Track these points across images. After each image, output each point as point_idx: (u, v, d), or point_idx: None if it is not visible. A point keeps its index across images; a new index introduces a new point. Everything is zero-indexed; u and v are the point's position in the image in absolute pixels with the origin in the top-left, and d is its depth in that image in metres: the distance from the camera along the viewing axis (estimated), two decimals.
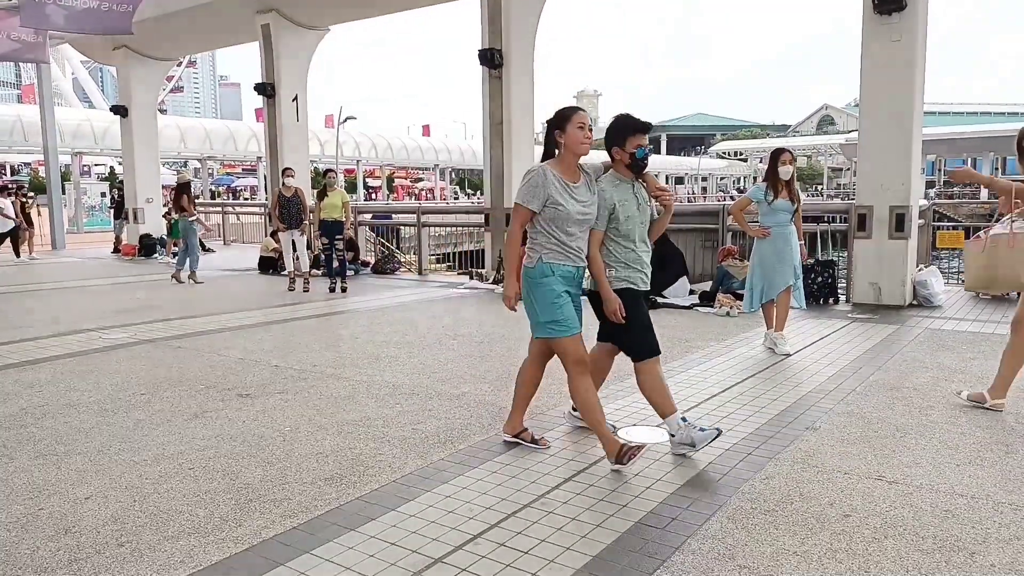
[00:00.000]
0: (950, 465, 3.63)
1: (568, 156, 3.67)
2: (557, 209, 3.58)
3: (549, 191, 3.58)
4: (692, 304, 8.76)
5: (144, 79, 18.04)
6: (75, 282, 12.35)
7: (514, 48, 11.31)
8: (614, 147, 3.73)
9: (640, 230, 3.80)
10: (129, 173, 18.18)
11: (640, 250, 3.81)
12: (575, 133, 3.61)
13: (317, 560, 2.74)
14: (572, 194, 3.62)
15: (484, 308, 9.14)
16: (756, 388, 5.10)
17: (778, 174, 6.15)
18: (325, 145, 41.72)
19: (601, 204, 3.69)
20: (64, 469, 3.71)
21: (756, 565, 2.67)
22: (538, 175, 3.61)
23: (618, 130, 3.73)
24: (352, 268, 12.81)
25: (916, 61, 8.39)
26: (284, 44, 14.49)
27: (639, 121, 3.72)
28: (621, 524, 3.00)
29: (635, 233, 3.77)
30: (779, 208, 6.17)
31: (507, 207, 11.41)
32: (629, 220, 3.73)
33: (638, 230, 3.78)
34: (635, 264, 3.79)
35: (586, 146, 3.65)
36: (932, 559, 2.70)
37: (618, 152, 3.74)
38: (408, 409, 4.68)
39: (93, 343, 6.92)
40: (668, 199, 3.86)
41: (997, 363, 5.50)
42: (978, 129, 62.93)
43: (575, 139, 3.62)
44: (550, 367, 4.09)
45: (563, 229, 3.61)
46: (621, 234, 3.74)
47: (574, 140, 3.62)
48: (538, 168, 3.65)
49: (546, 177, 3.60)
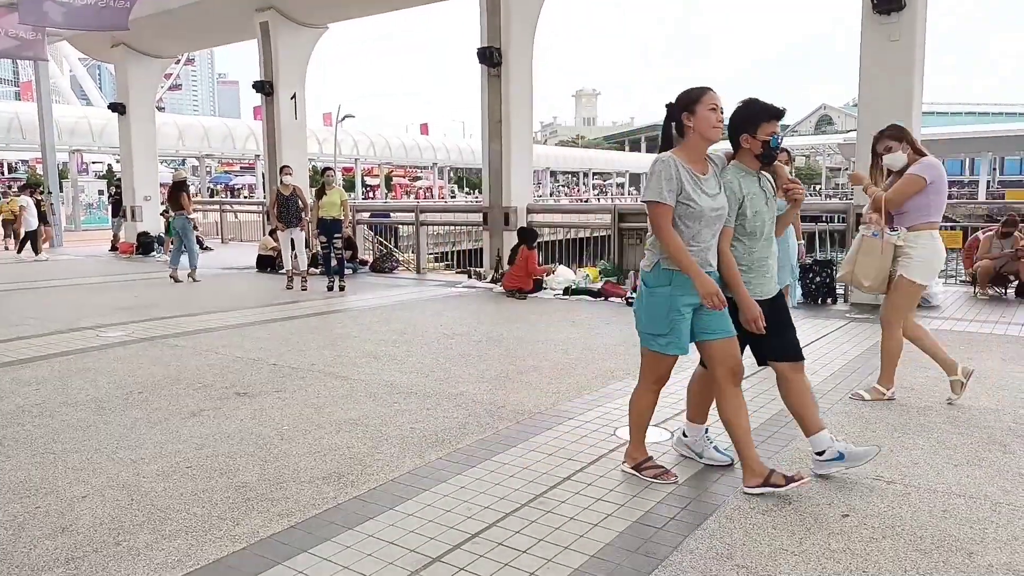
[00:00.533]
0: (948, 465, 3.63)
1: (697, 143, 3.23)
2: (689, 206, 3.16)
3: (683, 184, 3.15)
4: None
5: (142, 77, 18.01)
6: (73, 280, 12.33)
7: (513, 47, 11.30)
8: (743, 134, 3.31)
9: (768, 227, 3.41)
10: (127, 171, 18.15)
11: (766, 250, 3.42)
12: (707, 116, 3.17)
13: (315, 559, 2.74)
14: (703, 188, 3.19)
15: (482, 307, 9.13)
16: (754, 388, 5.09)
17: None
18: (323, 143, 41.65)
19: (730, 198, 3.28)
20: (61, 467, 3.70)
21: (754, 564, 2.67)
22: (669, 165, 3.16)
23: (750, 115, 3.31)
24: (350, 267, 12.80)
25: (915, 61, 8.40)
26: (282, 42, 14.46)
27: (773, 106, 3.32)
28: (619, 523, 3.00)
29: (762, 231, 3.38)
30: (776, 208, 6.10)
31: (505, 206, 11.42)
32: (757, 216, 3.34)
33: (766, 227, 3.40)
34: (760, 267, 3.40)
35: (719, 131, 3.22)
36: (930, 559, 2.70)
37: (748, 140, 3.32)
38: (406, 408, 4.67)
39: (90, 341, 6.90)
40: (800, 193, 3.47)
41: (995, 363, 5.52)
42: (976, 129, 62.99)
43: (707, 123, 3.18)
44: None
45: (692, 229, 3.18)
46: (747, 232, 3.35)
47: (706, 124, 3.18)
48: (667, 158, 3.19)
49: (677, 168, 3.16)
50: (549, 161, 56.10)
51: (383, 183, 53.42)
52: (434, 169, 53.00)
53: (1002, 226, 9.38)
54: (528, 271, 9.93)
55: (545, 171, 56.75)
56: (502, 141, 11.46)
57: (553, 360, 5.99)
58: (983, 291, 9.31)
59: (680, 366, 3.57)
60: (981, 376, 5.31)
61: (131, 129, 17.77)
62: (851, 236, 8.90)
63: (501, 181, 11.54)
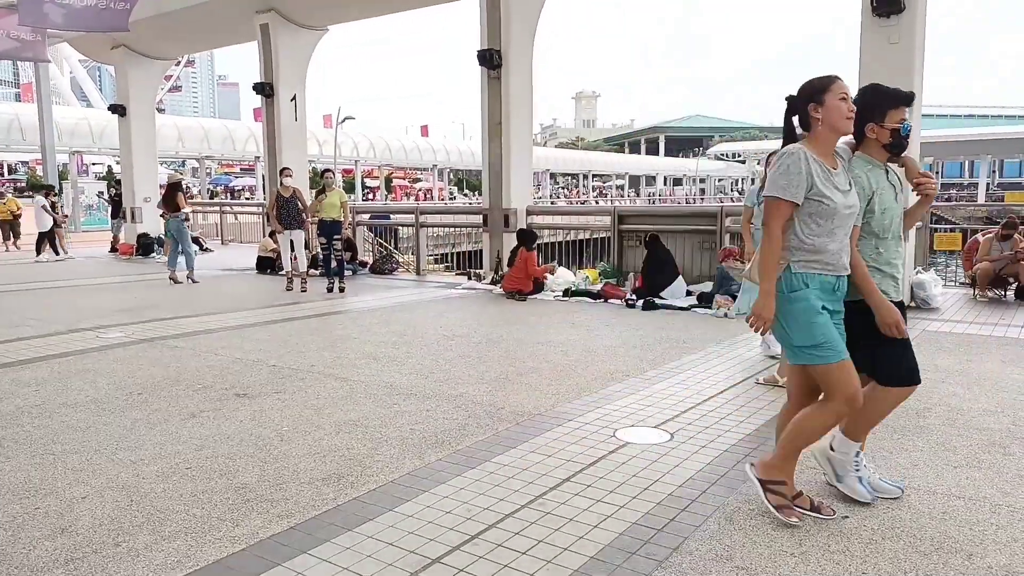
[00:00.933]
0: (947, 467, 3.63)
1: (826, 136, 2.95)
2: (822, 203, 2.86)
3: (813, 180, 2.86)
4: (690, 305, 8.76)
5: (142, 78, 18.02)
6: (72, 281, 12.32)
7: (513, 49, 11.30)
8: (869, 124, 3.03)
9: (897, 224, 3.10)
10: (127, 172, 18.15)
11: (895, 250, 3.11)
12: (837, 106, 2.90)
13: (314, 560, 2.74)
14: (835, 183, 2.91)
15: (482, 309, 9.13)
16: (754, 390, 5.10)
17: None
18: (323, 145, 41.69)
19: (859, 194, 2.99)
20: (60, 468, 3.70)
21: (754, 566, 2.67)
22: (798, 159, 2.87)
23: (876, 102, 3.05)
24: (350, 268, 12.80)
25: (914, 64, 8.40)
26: (283, 44, 14.47)
27: (900, 91, 3.07)
28: (619, 525, 3.00)
29: (891, 228, 3.08)
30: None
31: (505, 207, 11.42)
32: (886, 213, 3.04)
33: (895, 224, 3.09)
34: (887, 267, 3.08)
35: (851, 122, 2.94)
36: (930, 561, 2.70)
37: (874, 129, 3.04)
38: (406, 410, 4.67)
39: (90, 342, 6.90)
40: (933, 187, 3.14)
41: (994, 365, 5.53)
42: (975, 132, 63.02)
43: (838, 113, 2.90)
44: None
45: (825, 228, 2.89)
46: (873, 230, 3.06)
47: (837, 115, 2.90)
48: (796, 150, 2.90)
49: (808, 162, 2.87)
50: (549, 163, 56.18)
51: (383, 185, 53.45)
52: (434, 171, 53.05)
53: (1002, 228, 9.38)
54: (528, 272, 9.94)
55: (545, 173, 56.81)
56: (502, 143, 11.46)
57: (553, 362, 5.99)
58: (983, 293, 9.31)
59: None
60: (980, 378, 5.32)
61: (131, 130, 17.77)
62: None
63: (501, 183, 11.54)
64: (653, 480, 3.47)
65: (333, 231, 10.54)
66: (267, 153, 15.07)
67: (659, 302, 8.91)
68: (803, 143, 2.96)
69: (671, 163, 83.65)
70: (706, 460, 3.72)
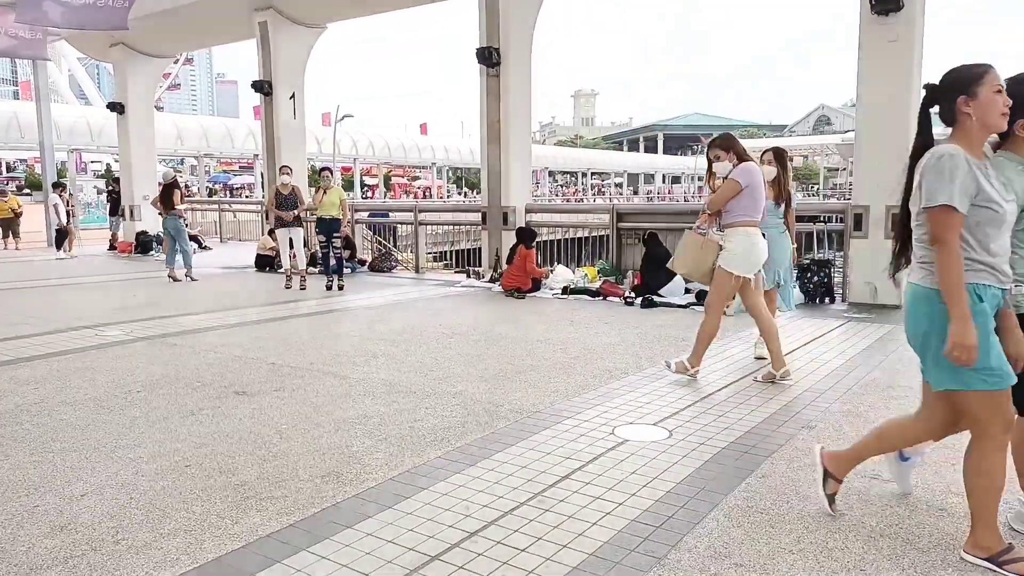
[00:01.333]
0: (945, 464, 3.64)
1: (978, 134, 2.58)
2: (991, 209, 2.51)
3: (980, 183, 2.51)
4: (689, 303, 8.77)
5: (141, 76, 18.01)
6: (71, 279, 12.32)
7: (512, 46, 11.30)
8: (1020, 119, 2.64)
9: None
10: (126, 170, 18.15)
11: None
12: (992, 100, 2.54)
13: (314, 557, 2.74)
14: (995, 187, 2.55)
15: (481, 306, 9.14)
16: (752, 387, 5.10)
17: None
18: (322, 143, 41.64)
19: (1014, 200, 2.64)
20: (60, 466, 3.70)
21: (752, 563, 2.68)
22: (957, 160, 2.50)
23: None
24: (349, 266, 12.80)
25: (913, 61, 8.41)
26: (281, 41, 14.46)
27: None
28: (618, 522, 3.01)
29: None
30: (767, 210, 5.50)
31: (504, 205, 11.43)
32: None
33: None
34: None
35: (1005, 119, 2.58)
36: (927, 557, 2.71)
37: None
38: (405, 407, 4.68)
39: (89, 340, 6.90)
40: None
41: None
42: None
43: (993, 108, 2.54)
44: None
45: (989, 237, 2.54)
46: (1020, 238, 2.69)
47: (992, 110, 2.54)
48: (955, 152, 2.52)
49: (968, 164, 2.51)
50: (547, 161, 56.14)
51: (382, 183, 53.40)
52: (433, 169, 53.01)
53: None
54: (527, 271, 9.94)
55: (543, 171, 56.76)
56: (501, 141, 11.46)
57: (551, 359, 6.00)
58: None
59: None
60: None
61: (130, 129, 17.77)
62: (849, 236, 8.95)
63: (500, 181, 11.54)
64: (652, 477, 3.48)
65: (332, 229, 10.56)
66: (266, 151, 15.07)
67: (657, 300, 8.92)
68: (953, 141, 2.59)
69: (670, 161, 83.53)
70: (705, 457, 3.73)
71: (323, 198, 10.49)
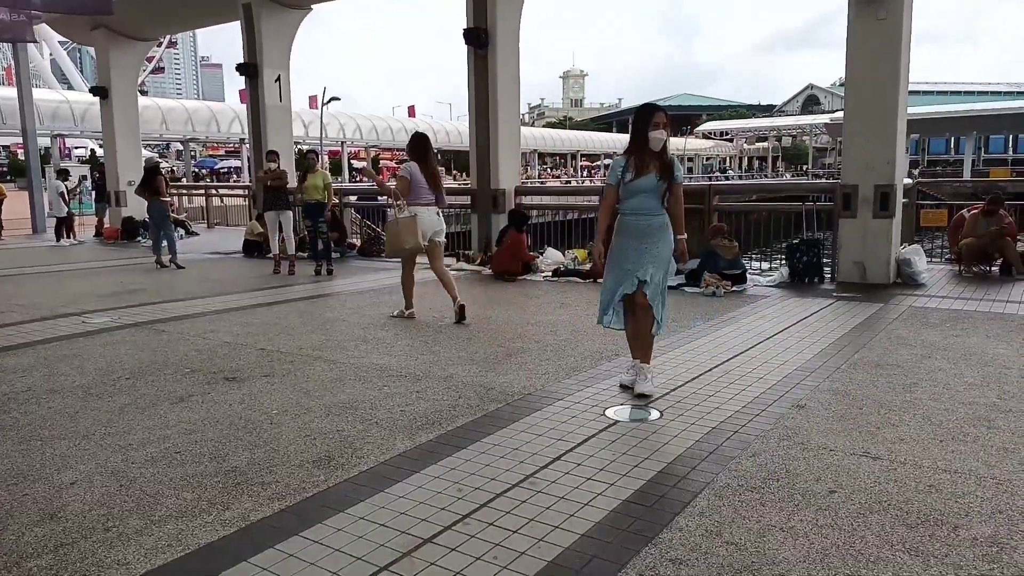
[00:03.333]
0: (933, 441, 3.67)
1: None
2: None
3: None
4: (678, 284, 8.78)
5: (124, 60, 17.77)
6: (57, 266, 12.21)
7: (500, 27, 11.20)
8: None
9: None
10: (110, 156, 17.95)
11: None
12: None
13: (306, 542, 2.74)
14: None
15: (471, 290, 9.12)
16: (742, 367, 5.13)
17: (648, 142, 4.43)
18: (309, 126, 41.33)
19: None
20: (49, 454, 3.68)
21: (743, 541, 2.69)
22: None
23: None
24: (338, 250, 12.74)
25: (901, 40, 8.40)
26: (266, 23, 14.28)
27: None
28: (609, 503, 3.02)
29: None
30: (640, 189, 4.44)
31: (493, 188, 11.38)
32: None
33: None
34: None
35: None
36: (916, 533, 2.73)
37: None
38: (396, 391, 4.67)
39: (76, 328, 6.85)
40: None
41: (979, 339, 5.61)
42: (961, 108, 63.19)
43: None
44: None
45: None
46: None
47: None
48: None
49: None
50: (537, 143, 55.98)
51: (370, 166, 53.09)
52: None
53: (987, 204, 9.44)
54: (519, 255, 9.93)
55: (533, 153, 56.56)
56: (489, 123, 11.39)
57: (542, 341, 6.00)
58: (968, 269, 9.39)
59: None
60: (966, 353, 5.37)
61: (113, 113, 17.55)
62: (838, 216, 8.97)
63: (489, 163, 11.49)
64: (643, 458, 3.49)
65: (317, 213, 10.47)
66: (252, 134, 14.93)
67: None
68: None
69: None
70: (695, 438, 3.74)
71: (306, 182, 10.36)
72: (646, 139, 4.41)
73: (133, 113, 18.08)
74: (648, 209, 4.45)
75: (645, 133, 4.41)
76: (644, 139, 4.42)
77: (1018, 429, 3.81)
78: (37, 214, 19.10)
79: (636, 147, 4.45)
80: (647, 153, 4.42)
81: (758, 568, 2.51)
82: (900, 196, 8.86)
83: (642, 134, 4.43)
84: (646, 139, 4.41)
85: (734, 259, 8.76)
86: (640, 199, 4.44)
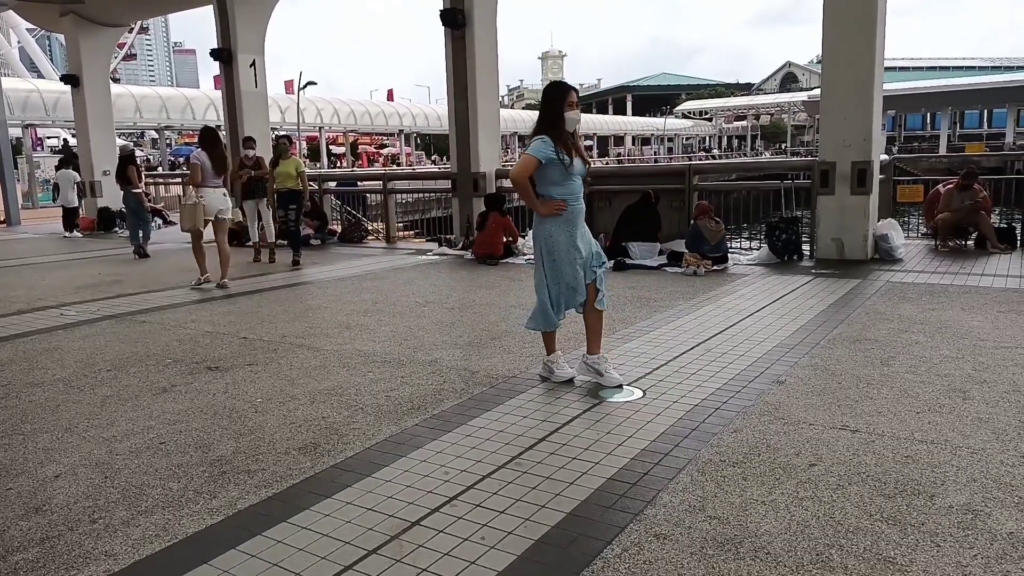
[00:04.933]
0: (910, 413, 3.74)
1: None
2: None
3: None
4: (660, 264, 8.83)
5: (94, 47, 17.41)
6: (33, 259, 12.03)
7: (477, 7, 11.11)
8: None
9: None
10: (84, 145, 17.65)
11: None
12: None
13: (294, 528, 2.75)
14: None
15: (453, 274, 9.12)
16: (723, 345, 5.18)
17: (564, 122, 4.25)
18: (286, 112, 40.86)
19: None
20: (31, 448, 3.66)
21: (726, 515, 2.74)
22: None
23: None
24: (319, 237, 12.66)
25: (877, 15, 8.44)
26: (240, 7, 14.06)
27: None
28: (594, 481, 3.06)
29: None
30: (578, 172, 4.34)
31: (474, 171, 11.34)
32: None
33: None
34: None
35: None
36: (894, 503, 2.80)
37: None
38: (380, 377, 4.68)
39: (55, 320, 6.77)
40: None
41: (955, 312, 5.70)
42: (936, 84, 63.68)
43: None
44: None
45: None
46: None
47: None
48: None
49: None
50: (517, 125, 55.69)
51: (349, 151, 52.63)
52: (400, 136, 52.34)
53: (961, 179, 9.55)
54: (512, 233, 10.12)
55: (513, 136, 56.32)
56: (468, 106, 11.33)
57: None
58: (944, 243, 9.52)
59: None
60: (942, 326, 5.46)
61: (85, 101, 17.23)
62: (816, 193, 9.04)
63: (468, 146, 11.43)
64: (627, 436, 3.53)
65: (289, 201, 10.22)
66: (228, 121, 14.75)
67: (629, 262, 8.96)
68: None
69: (639, 122, 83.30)
70: (677, 415, 3.79)
71: (278, 168, 10.06)
72: (562, 119, 4.22)
73: (106, 101, 17.77)
74: (578, 192, 4.37)
75: (561, 113, 4.22)
76: (561, 119, 4.22)
77: (992, 399, 3.90)
78: (10, 206, 18.77)
79: (553, 128, 4.22)
80: (564, 135, 4.24)
81: (740, 541, 2.56)
82: (877, 172, 8.95)
83: (558, 113, 4.22)
84: (562, 119, 4.22)
85: (718, 243, 8.77)
86: (576, 183, 4.34)
